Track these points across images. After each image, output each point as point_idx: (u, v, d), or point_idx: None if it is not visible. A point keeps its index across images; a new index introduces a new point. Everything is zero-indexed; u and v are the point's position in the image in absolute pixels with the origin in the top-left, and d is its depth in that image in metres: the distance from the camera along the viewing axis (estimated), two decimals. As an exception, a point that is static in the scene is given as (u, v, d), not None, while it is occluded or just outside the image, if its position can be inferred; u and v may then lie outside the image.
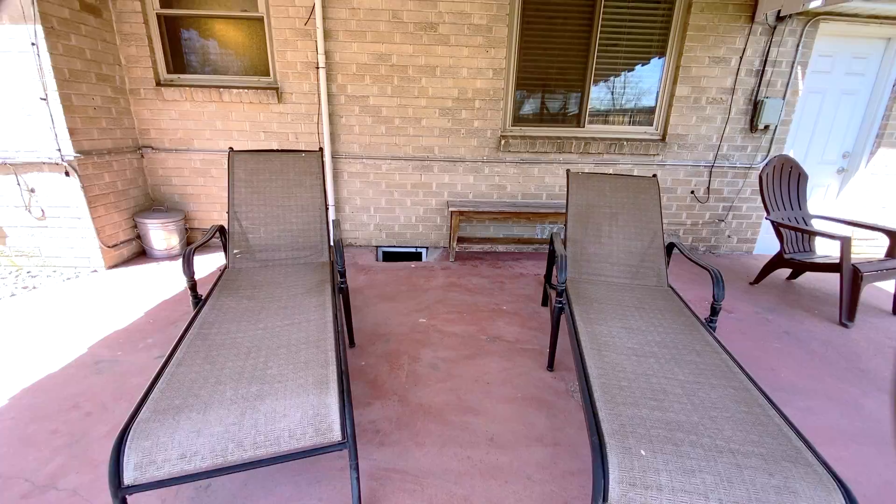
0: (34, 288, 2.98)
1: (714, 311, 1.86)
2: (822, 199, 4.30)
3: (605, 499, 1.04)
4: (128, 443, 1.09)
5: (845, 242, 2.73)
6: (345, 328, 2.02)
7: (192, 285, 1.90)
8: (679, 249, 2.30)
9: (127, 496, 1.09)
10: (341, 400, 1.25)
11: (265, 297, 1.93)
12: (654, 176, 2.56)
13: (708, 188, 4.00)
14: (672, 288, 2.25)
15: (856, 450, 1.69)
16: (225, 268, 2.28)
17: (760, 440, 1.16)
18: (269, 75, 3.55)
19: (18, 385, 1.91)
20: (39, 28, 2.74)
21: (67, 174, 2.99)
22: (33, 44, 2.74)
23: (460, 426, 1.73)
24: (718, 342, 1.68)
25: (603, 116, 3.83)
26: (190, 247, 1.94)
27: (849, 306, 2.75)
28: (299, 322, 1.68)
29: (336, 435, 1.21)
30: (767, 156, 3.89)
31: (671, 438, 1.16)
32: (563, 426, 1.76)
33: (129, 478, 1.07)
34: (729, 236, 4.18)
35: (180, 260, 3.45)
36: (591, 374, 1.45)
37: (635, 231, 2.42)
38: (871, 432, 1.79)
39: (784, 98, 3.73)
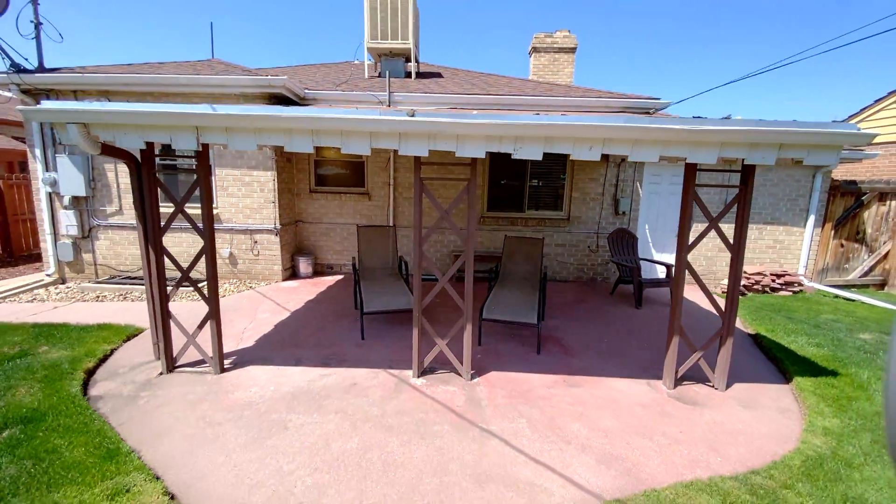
0: (253, 288, 6.44)
1: (543, 289, 5.10)
2: (671, 252, 7.52)
3: (482, 316, 4.28)
4: (363, 304, 4.43)
5: (636, 269, 5.97)
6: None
7: (356, 280, 5.29)
8: (545, 274, 5.58)
9: (364, 317, 4.41)
10: (417, 302, 4.57)
11: (380, 283, 5.30)
12: (542, 238, 5.90)
13: (597, 245, 7.31)
14: (540, 285, 5.48)
15: (581, 330, 4.83)
16: (357, 275, 5.66)
17: (528, 310, 4.40)
18: (364, 187, 7.22)
19: (287, 313, 5.26)
20: (274, 172, 6.46)
21: (276, 235, 6.57)
22: (274, 179, 6.45)
23: (451, 318, 4.96)
24: (541, 296, 4.91)
25: (536, 206, 7.30)
26: (355, 270, 5.36)
27: (637, 299, 5.91)
28: (396, 288, 5.04)
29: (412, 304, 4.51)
30: (628, 227, 7.22)
31: (502, 307, 4.41)
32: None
33: (366, 310, 4.40)
34: (615, 272, 7.39)
35: (315, 278, 6.91)
36: (487, 303, 4.72)
37: (529, 263, 5.73)
38: (597, 333, 4.92)
39: (631, 198, 7.15)
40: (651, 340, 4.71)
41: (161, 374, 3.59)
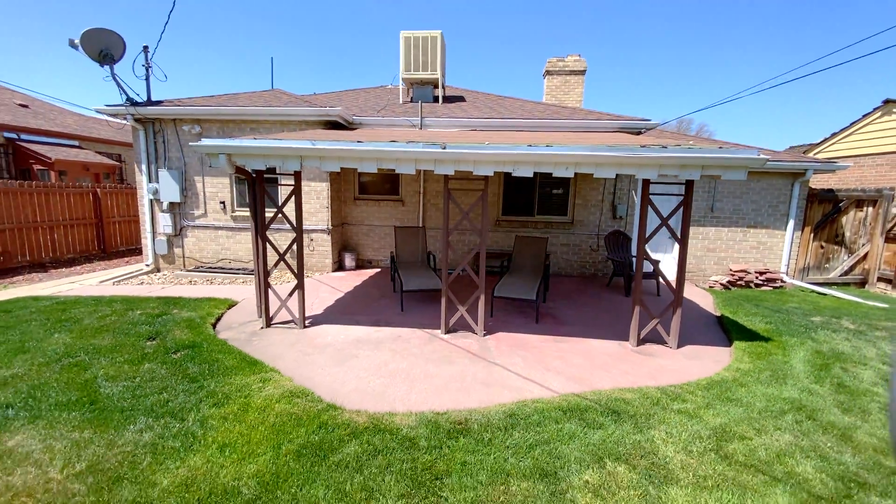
0: (309, 276, 7.96)
1: (546, 277, 6.38)
2: (668, 250, 8.63)
3: (494, 294, 5.61)
4: (402, 284, 5.84)
5: (626, 264, 7.16)
6: (439, 277, 6.70)
7: (394, 270, 6.71)
8: (547, 268, 6.85)
9: (403, 294, 5.81)
10: (445, 280, 5.93)
11: (413, 271, 6.71)
12: (546, 238, 7.17)
13: (598, 244, 8.51)
14: (543, 274, 6.75)
15: (574, 310, 6.07)
16: (395, 266, 7.08)
17: (530, 290, 5.70)
18: (398, 195, 8.69)
19: (341, 293, 6.72)
20: (328, 183, 8.00)
21: (328, 234, 8.10)
22: (327, 189, 7.99)
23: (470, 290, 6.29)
24: (542, 281, 6.19)
25: (544, 211, 8.58)
26: (390, 258, 6.79)
27: (626, 289, 7.09)
28: (426, 274, 6.43)
29: (440, 285, 5.87)
30: (623, 229, 8.39)
31: (509, 288, 5.72)
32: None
33: (405, 288, 5.80)
34: (612, 268, 8.55)
35: (357, 270, 8.40)
36: (498, 286, 6.04)
37: (534, 257, 7.01)
38: (588, 312, 6.15)
39: (627, 204, 8.33)
40: (630, 319, 5.89)
41: (262, 328, 5.08)
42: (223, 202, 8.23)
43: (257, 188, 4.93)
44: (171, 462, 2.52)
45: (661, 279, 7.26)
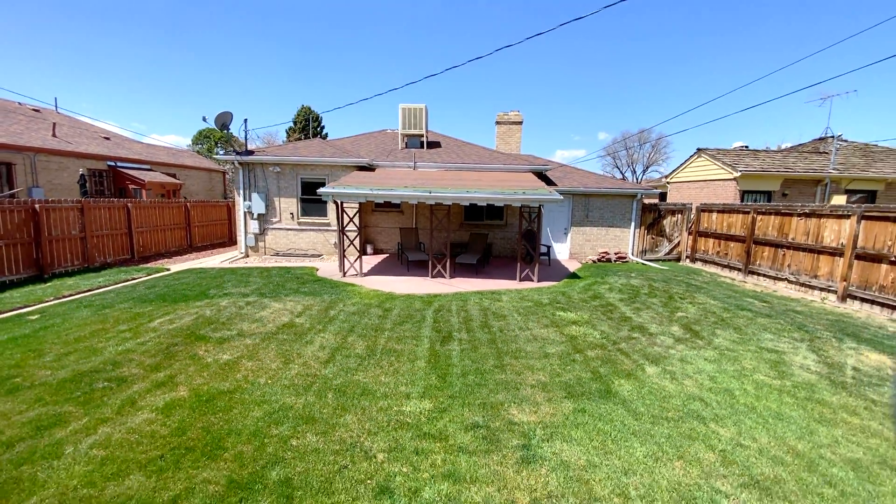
0: (350, 257, 13.80)
1: (486, 254, 12.44)
2: (563, 241, 14.84)
3: (456, 261, 11.62)
4: (408, 258, 11.80)
5: (532, 248, 13.32)
6: (426, 254, 12.66)
7: (400, 251, 12.66)
8: (488, 251, 12.92)
9: (409, 263, 11.78)
10: (430, 254, 11.91)
11: (412, 251, 12.66)
12: (487, 234, 13.22)
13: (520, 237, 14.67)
14: (484, 253, 12.79)
15: (498, 270, 12.16)
16: (401, 249, 12.99)
17: (474, 258, 11.74)
18: (399, 208, 14.64)
19: (371, 265, 12.60)
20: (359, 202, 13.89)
21: (357, 235, 13.97)
22: (360, 205, 13.88)
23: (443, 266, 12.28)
24: (485, 257, 12.23)
25: (490, 217, 14.67)
26: (399, 247, 12.74)
27: (529, 261, 13.25)
28: (420, 253, 12.41)
29: (427, 258, 11.84)
30: (533, 229, 14.55)
31: (464, 258, 11.75)
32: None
33: (410, 259, 11.76)
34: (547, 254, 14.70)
35: (375, 255, 14.43)
36: (458, 257, 12.06)
37: (480, 243, 13.07)
38: (505, 271, 12.24)
39: (537, 214, 14.53)
40: (521, 271, 12.01)
41: (341, 276, 10.93)
42: (292, 213, 13.97)
43: (341, 209, 10.80)
44: (348, 299, 8.42)
45: (534, 253, 13.37)
